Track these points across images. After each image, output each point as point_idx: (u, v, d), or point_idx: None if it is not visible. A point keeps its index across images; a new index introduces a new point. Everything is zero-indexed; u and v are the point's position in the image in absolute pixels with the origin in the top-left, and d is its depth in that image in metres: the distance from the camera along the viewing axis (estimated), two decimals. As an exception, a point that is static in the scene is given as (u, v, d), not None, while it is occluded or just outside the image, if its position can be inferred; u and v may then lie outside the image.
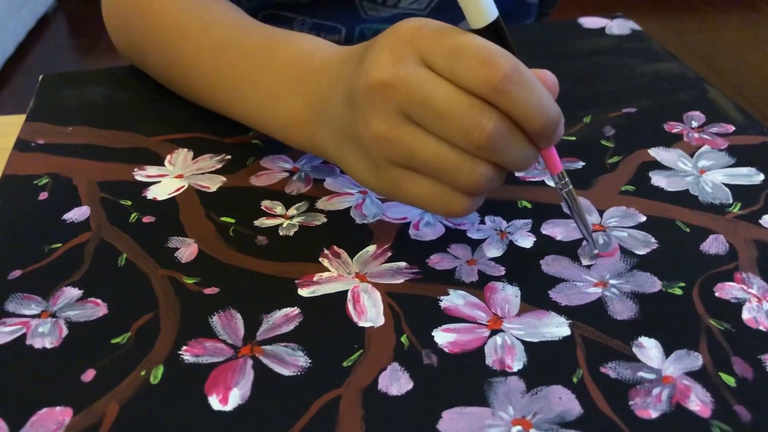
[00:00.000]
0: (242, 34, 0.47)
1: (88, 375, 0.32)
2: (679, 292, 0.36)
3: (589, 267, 0.38)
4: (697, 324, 0.34)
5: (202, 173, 0.46)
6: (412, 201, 0.36)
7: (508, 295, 0.36)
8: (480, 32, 0.34)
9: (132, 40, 0.55)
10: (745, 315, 0.35)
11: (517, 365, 0.32)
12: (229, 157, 0.47)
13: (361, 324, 0.35)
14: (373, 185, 0.38)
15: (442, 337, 0.34)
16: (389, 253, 0.39)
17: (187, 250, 0.39)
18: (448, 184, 0.35)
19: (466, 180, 0.34)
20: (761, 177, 0.44)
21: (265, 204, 0.43)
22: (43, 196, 0.44)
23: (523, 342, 0.33)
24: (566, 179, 0.37)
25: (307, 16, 0.65)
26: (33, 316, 0.36)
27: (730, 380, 0.31)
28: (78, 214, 0.42)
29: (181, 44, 0.50)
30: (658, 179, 0.44)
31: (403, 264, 0.38)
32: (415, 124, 0.34)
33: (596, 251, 0.38)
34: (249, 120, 0.46)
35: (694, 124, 0.50)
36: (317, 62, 0.42)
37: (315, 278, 0.37)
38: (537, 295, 0.36)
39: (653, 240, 0.39)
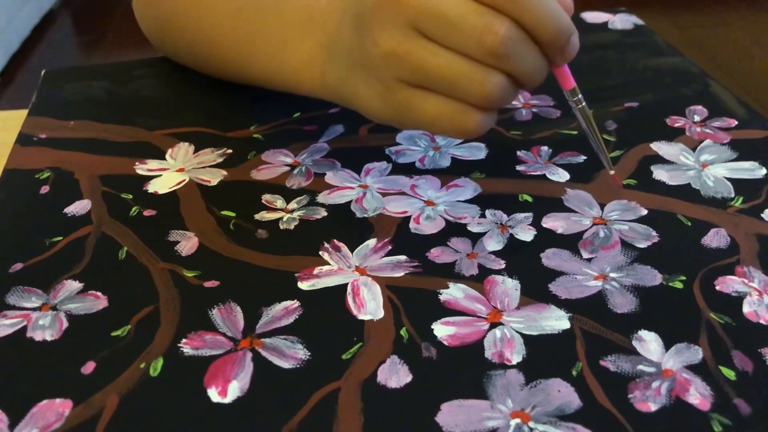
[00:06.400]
0: None
1: (88, 367, 0.32)
2: (679, 285, 0.36)
3: (589, 260, 0.38)
4: (698, 317, 0.34)
5: (203, 167, 0.46)
6: (423, 122, 0.36)
7: (508, 288, 0.36)
8: None
9: (159, 24, 0.56)
10: (746, 309, 0.34)
11: (516, 358, 0.32)
12: (230, 151, 0.48)
13: (360, 317, 0.35)
14: (382, 112, 0.38)
15: (442, 330, 0.34)
16: (389, 247, 0.39)
17: (187, 243, 0.39)
18: (461, 97, 0.35)
19: (480, 90, 0.34)
20: (763, 171, 0.44)
21: (266, 198, 0.43)
22: (45, 189, 0.44)
23: (523, 335, 0.33)
24: (579, 95, 0.38)
25: None
26: (33, 309, 0.36)
27: (730, 374, 0.31)
28: (79, 207, 0.42)
29: (203, 15, 0.50)
30: (659, 173, 0.44)
31: (403, 257, 0.38)
32: (425, 38, 0.34)
33: (612, 172, 0.40)
34: (263, 74, 0.47)
35: (697, 118, 0.49)
36: (324, 4, 0.42)
37: (315, 272, 0.37)
38: (537, 288, 0.36)
39: (654, 233, 0.39)
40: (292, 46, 0.44)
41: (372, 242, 0.39)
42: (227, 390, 0.31)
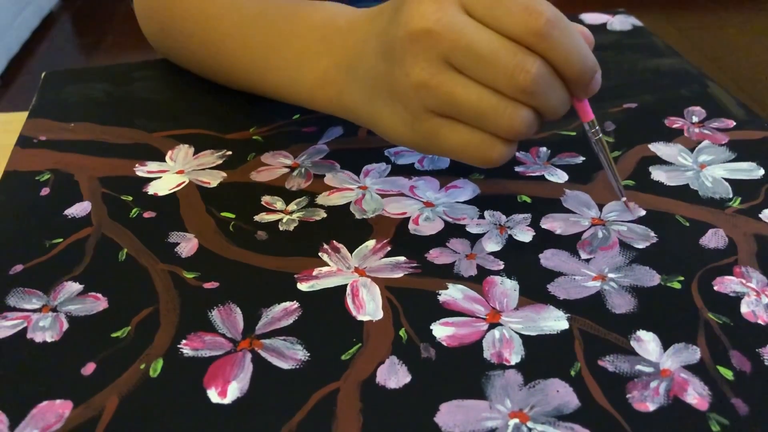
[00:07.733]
0: (269, 6, 0.48)
1: (88, 368, 0.33)
2: (677, 285, 0.36)
3: (588, 261, 0.38)
4: (696, 318, 0.34)
5: (203, 169, 0.46)
6: (449, 150, 0.37)
7: (507, 288, 0.36)
8: None
9: (163, 28, 0.56)
10: (744, 309, 0.34)
11: (515, 358, 0.32)
12: (229, 152, 0.48)
13: (359, 318, 0.35)
14: (407, 138, 0.38)
15: (441, 330, 0.34)
16: (388, 248, 0.39)
17: (187, 245, 0.40)
18: (488, 129, 0.36)
19: (508, 123, 0.35)
20: (761, 172, 0.44)
21: (266, 199, 0.43)
22: (45, 191, 0.44)
23: (521, 335, 0.33)
24: (597, 128, 0.39)
25: None
26: (34, 311, 0.36)
27: (728, 373, 0.31)
28: (79, 209, 0.43)
29: (211, 24, 0.50)
30: (658, 174, 0.44)
31: (402, 258, 0.38)
32: (456, 71, 0.35)
33: (624, 199, 0.40)
34: (275, 88, 0.47)
35: (695, 119, 0.50)
36: (343, 24, 0.43)
37: (314, 273, 0.37)
38: (536, 288, 0.36)
39: (653, 234, 0.39)
40: (308, 62, 0.44)
41: (371, 243, 0.39)
42: (227, 391, 0.31)
